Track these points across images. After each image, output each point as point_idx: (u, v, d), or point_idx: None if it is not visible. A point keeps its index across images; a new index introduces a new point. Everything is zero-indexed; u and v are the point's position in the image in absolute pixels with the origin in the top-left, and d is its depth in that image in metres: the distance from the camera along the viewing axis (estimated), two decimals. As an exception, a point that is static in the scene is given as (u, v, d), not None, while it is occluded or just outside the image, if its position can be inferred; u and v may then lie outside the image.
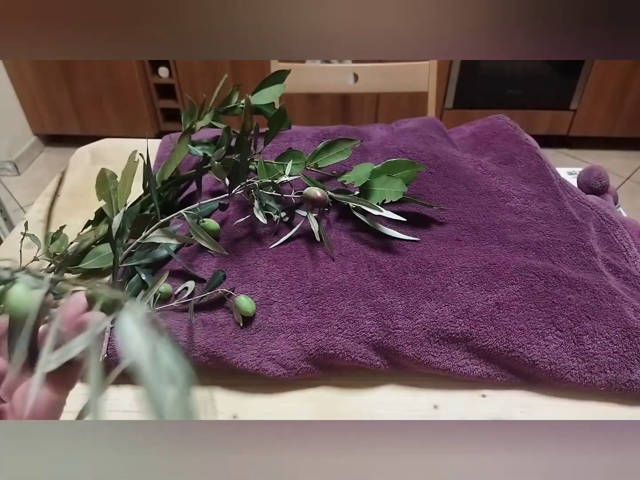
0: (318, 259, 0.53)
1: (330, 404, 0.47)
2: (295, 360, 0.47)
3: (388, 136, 0.74)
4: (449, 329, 0.48)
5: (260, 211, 0.54)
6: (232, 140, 0.64)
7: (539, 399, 0.47)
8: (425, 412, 0.46)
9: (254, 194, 0.55)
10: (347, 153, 0.61)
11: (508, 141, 0.72)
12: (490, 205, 0.62)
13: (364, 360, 0.47)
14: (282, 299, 0.50)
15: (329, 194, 0.56)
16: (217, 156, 0.58)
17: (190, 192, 0.65)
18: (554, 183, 0.65)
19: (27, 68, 1.91)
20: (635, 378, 0.46)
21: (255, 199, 0.55)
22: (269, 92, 0.68)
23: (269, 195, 0.57)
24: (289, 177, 0.57)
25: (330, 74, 1.12)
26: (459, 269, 0.52)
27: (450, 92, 1.98)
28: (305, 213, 0.56)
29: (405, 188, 0.55)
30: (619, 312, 0.49)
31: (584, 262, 0.55)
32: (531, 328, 0.48)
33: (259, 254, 0.54)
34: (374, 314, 0.49)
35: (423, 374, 0.48)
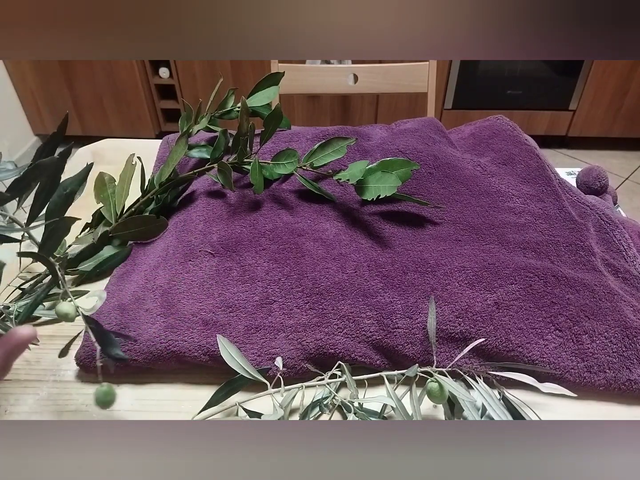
0: (318, 259, 0.53)
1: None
2: (295, 360, 0.47)
3: (387, 137, 0.74)
4: (449, 329, 0.48)
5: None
6: (229, 142, 0.65)
7: (539, 398, 0.47)
8: (425, 412, 0.46)
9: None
10: (343, 152, 0.62)
11: (507, 141, 0.73)
12: (490, 205, 0.62)
13: (364, 360, 0.47)
14: (282, 299, 0.50)
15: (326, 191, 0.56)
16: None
17: (189, 193, 0.65)
18: (553, 183, 0.65)
19: (27, 68, 1.91)
20: (634, 378, 0.46)
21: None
22: (264, 94, 0.69)
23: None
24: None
25: (330, 75, 1.13)
26: (459, 268, 0.52)
27: (449, 92, 1.98)
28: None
29: (399, 182, 0.55)
30: (618, 312, 0.49)
31: (583, 262, 0.55)
32: (530, 328, 0.48)
33: (259, 253, 0.54)
34: (374, 314, 0.49)
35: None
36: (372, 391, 0.47)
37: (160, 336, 0.47)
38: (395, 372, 0.46)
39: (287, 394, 0.44)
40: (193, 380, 0.48)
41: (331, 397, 0.44)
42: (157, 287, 0.52)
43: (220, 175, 0.60)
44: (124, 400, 0.46)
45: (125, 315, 0.49)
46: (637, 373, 0.46)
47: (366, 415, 0.43)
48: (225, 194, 0.63)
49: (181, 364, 0.48)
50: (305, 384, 0.45)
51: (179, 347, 0.47)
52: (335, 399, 0.44)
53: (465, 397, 0.40)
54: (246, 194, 0.63)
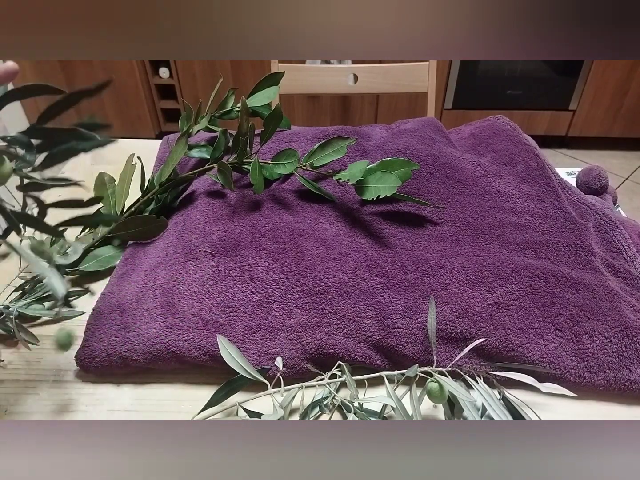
0: (318, 259, 0.53)
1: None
2: (295, 360, 0.47)
3: (388, 137, 0.74)
4: (449, 329, 0.48)
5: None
6: (229, 142, 0.65)
7: (539, 398, 0.47)
8: (425, 412, 0.46)
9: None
10: (342, 151, 0.62)
11: (507, 141, 0.73)
12: (490, 205, 0.62)
13: (364, 360, 0.47)
14: (282, 299, 0.50)
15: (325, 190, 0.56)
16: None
17: (189, 193, 0.65)
18: (553, 183, 0.65)
19: (27, 68, 1.91)
20: (634, 378, 0.46)
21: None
22: (264, 94, 0.69)
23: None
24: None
25: (330, 75, 1.13)
26: (459, 268, 0.52)
27: (449, 92, 1.98)
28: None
29: (399, 182, 0.55)
30: (618, 312, 0.49)
31: (583, 262, 0.55)
32: (530, 328, 0.48)
33: (259, 253, 0.54)
34: (374, 314, 0.49)
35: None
36: (372, 391, 0.47)
37: (160, 336, 0.47)
38: (395, 372, 0.46)
39: (287, 394, 0.44)
40: (193, 380, 0.48)
41: (331, 397, 0.44)
42: (157, 287, 0.52)
43: (220, 175, 0.60)
44: (124, 400, 0.46)
45: (125, 315, 0.49)
46: (637, 373, 0.46)
47: (366, 415, 0.43)
48: (225, 194, 0.63)
49: (181, 364, 0.48)
50: (305, 384, 0.45)
51: (179, 347, 0.47)
52: (335, 399, 0.44)
53: (465, 397, 0.40)
54: (246, 194, 0.63)
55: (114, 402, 0.46)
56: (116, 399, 0.47)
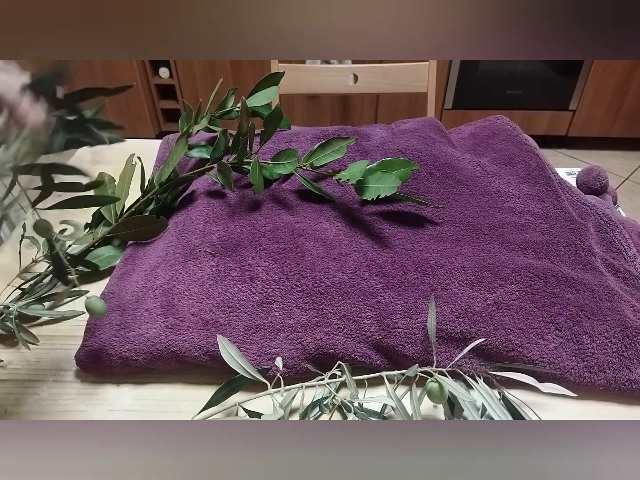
0: (318, 259, 0.53)
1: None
2: (295, 360, 0.47)
3: (388, 137, 0.74)
4: (449, 329, 0.48)
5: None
6: (229, 142, 0.65)
7: (539, 398, 0.47)
8: (425, 412, 0.46)
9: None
10: (342, 151, 0.62)
11: (507, 141, 0.73)
12: (490, 205, 0.62)
13: (364, 360, 0.47)
14: (282, 299, 0.50)
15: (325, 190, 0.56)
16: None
17: (189, 193, 0.65)
18: (553, 183, 0.65)
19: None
20: (634, 378, 0.46)
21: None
22: (264, 94, 0.69)
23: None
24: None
25: (330, 75, 1.13)
26: (459, 268, 0.52)
27: (449, 92, 1.98)
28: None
29: (399, 182, 0.55)
30: (618, 312, 0.49)
31: (583, 262, 0.55)
32: (530, 328, 0.48)
33: (259, 253, 0.54)
34: (374, 314, 0.49)
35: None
36: (372, 391, 0.47)
37: (160, 336, 0.47)
38: (395, 372, 0.46)
39: (287, 394, 0.44)
40: (193, 380, 0.48)
41: (331, 397, 0.44)
42: (157, 287, 0.52)
43: (220, 175, 0.60)
44: (124, 401, 0.46)
45: (125, 315, 0.49)
46: (637, 373, 0.46)
47: (366, 415, 0.43)
48: (225, 194, 0.63)
49: (181, 364, 0.48)
50: (305, 384, 0.45)
51: (179, 347, 0.47)
52: (335, 399, 0.44)
53: (465, 397, 0.40)
54: (246, 194, 0.63)
55: (114, 402, 0.46)
56: (116, 399, 0.47)
